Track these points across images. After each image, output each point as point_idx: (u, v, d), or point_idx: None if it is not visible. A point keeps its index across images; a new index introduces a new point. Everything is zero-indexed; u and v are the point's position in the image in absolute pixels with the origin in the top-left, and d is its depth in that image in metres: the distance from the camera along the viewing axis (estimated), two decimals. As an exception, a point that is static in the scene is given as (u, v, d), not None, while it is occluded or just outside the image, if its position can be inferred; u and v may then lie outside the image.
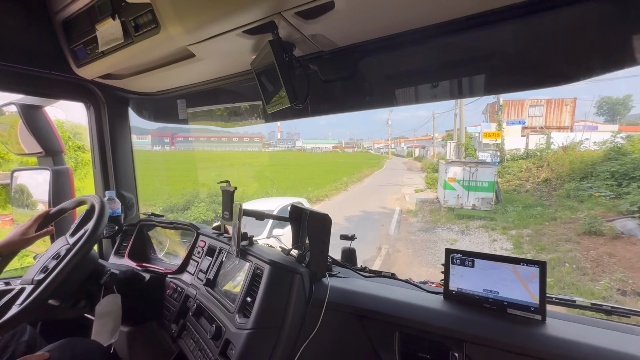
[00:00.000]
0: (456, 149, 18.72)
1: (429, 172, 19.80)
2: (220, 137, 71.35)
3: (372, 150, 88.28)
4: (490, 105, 23.74)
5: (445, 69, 1.38)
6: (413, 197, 13.84)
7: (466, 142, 18.98)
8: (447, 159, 15.44)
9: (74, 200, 1.42)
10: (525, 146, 17.16)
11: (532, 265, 0.95)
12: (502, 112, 17.56)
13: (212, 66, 1.53)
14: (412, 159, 44.48)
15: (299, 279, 1.07)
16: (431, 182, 16.48)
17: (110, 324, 1.33)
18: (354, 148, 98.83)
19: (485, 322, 0.92)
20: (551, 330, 0.87)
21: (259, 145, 79.36)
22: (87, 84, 1.75)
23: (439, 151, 28.79)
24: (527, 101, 22.69)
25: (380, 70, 1.52)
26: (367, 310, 1.05)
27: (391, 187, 17.45)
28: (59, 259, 1.20)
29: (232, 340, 1.02)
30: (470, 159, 15.23)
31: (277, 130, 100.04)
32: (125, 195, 2.00)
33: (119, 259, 1.81)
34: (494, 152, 16.56)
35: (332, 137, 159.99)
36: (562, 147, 14.46)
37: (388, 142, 65.90)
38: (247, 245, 1.28)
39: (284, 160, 39.38)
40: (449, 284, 1.07)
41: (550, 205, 10.17)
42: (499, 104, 17.48)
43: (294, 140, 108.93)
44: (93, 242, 1.19)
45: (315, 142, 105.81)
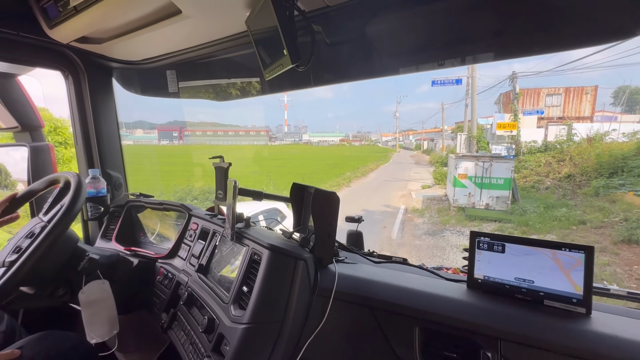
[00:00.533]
0: (467, 142, 17.08)
1: (438, 166, 17.99)
2: (227, 131, 71.30)
3: (379, 143, 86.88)
4: (504, 94, 22.23)
5: (456, 31, 1.21)
6: (420, 194, 12.56)
7: (478, 134, 17.04)
8: (457, 153, 14.19)
9: (44, 179, 1.26)
10: (543, 138, 15.66)
11: (577, 251, 0.81)
12: (518, 101, 16.05)
13: (201, 27, 1.34)
14: (421, 152, 43.19)
15: (302, 266, 0.93)
16: (439, 178, 15.02)
17: (103, 313, 1.21)
18: (362, 141, 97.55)
19: (522, 316, 0.79)
20: (600, 325, 0.74)
21: (266, 139, 79.28)
22: (62, 49, 1.55)
23: (449, 144, 27.52)
24: (544, 90, 20.91)
25: (392, 31, 1.34)
26: (380, 301, 0.91)
27: (397, 183, 16.03)
28: (33, 238, 1.07)
29: (226, 335, 0.89)
30: (483, 152, 13.66)
31: (284, 124, 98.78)
32: (111, 174, 1.84)
33: (105, 242, 1.68)
34: (508, 144, 15.00)
35: (340, 130, 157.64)
36: (587, 138, 12.93)
37: (396, 134, 64.14)
38: (244, 227, 1.13)
39: (288, 154, 38.39)
40: (474, 271, 0.94)
41: (576, 206, 8.86)
42: (514, 92, 15.95)
43: (301, 133, 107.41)
44: (71, 218, 1.06)
45: (322, 135, 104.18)
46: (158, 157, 23.74)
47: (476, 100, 16.51)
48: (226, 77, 2.00)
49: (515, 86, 16.00)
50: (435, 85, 16.88)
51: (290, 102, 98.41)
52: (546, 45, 1.07)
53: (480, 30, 1.19)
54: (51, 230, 1.01)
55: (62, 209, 1.05)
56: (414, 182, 15.90)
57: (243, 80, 1.99)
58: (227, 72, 1.94)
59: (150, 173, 13.36)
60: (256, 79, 1.93)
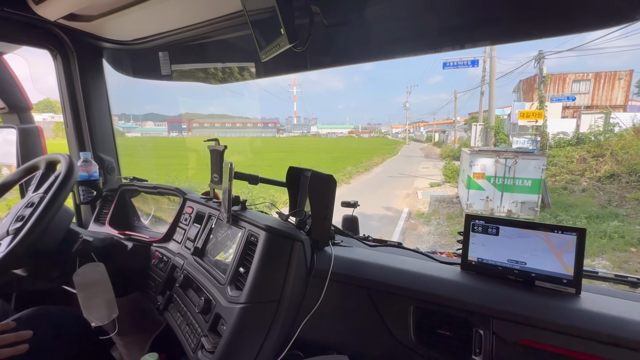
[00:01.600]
0: (483, 134, 14.97)
1: (449, 161, 15.61)
2: (235, 123, 70.83)
3: (389, 135, 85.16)
4: (524, 81, 19.95)
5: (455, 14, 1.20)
6: (427, 194, 10.76)
7: (496, 125, 14.66)
8: (471, 147, 12.63)
9: (21, 169, 1.23)
10: (575, 129, 13.14)
11: (569, 233, 0.83)
12: (545, 86, 13.70)
13: (195, 4, 1.30)
14: (431, 144, 41.02)
15: (299, 247, 0.93)
16: (450, 174, 13.07)
17: (99, 296, 1.20)
18: (371, 133, 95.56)
19: (513, 296, 0.81)
20: (588, 304, 0.76)
21: (274, 131, 78.44)
22: (50, 26, 1.49)
23: (461, 136, 25.41)
24: (570, 75, 18.65)
25: (390, 14, 1.31)
26: (376, 282, 0.93)
27: (402, 180, 14.05)
28: (33, 207, 1.05)
29: (222, 315, 0.90)
30: (505, 147, 11.14)
31: (294, 116, 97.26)
32: (103, 158, 1.80)
33: (99, 226, 1.66)
34: (532, 136, 12.74)
35: (350, 122, 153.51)
36: (634, 129, 10.66)
37: (406, 126, 61.74)
38: (240, 210, 1.13)
39: (293, 147, 36.97)
40: (468, 253, 0.95)
41: (628, 217, 6.84)
42: (541, 76, 13.55)
43: (309, 125, 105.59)
44: (70, 186, 1.05)
45: (330, 127, 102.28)
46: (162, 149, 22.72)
47: (495, 85, 14.28)
48: (220, 60, 1.95)
49: (541, 68, 13.48)
50: (447, 67, 14.50)
51: (300, 93, 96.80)
52: (543, 29, 1.07)
53: (480, 14, 1.17)
54: (52, 198, 1.01)
55: (59, 179, 1.04)
56: (422, 178, 14.05)
57: (238, 64, 1.94)
58: (221, 55, 1.89)
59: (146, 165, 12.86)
60: (251, 63, 1.88)
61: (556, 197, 8.56)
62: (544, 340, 0.74)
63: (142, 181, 1.74)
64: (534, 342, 0.75)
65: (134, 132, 48.97)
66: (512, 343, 0.76)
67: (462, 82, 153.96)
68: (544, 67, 13.60)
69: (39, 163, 1.22)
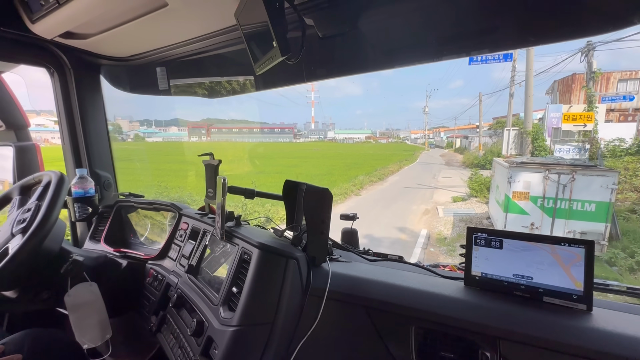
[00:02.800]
0: (518, 140, 12.40)
1: (475, 172, 13.21)
2: (252, 128, 72.21)
3: (407, 141, 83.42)
4: (559, 81, 17.62)
5: (462, 21, 1.18)
6: (449, 211, 8.88)
7: (534, 130, 12.11)
8: (505, 156, 10.25)
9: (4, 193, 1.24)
10: (635, 134, 11.10)
11: (576, 246, 0.79)
12: (594, 84, 11.62)
13: (189, 20, 1.30)
14: (453, 150, 39.08)
15: (294, 265, 0.90)
16: (478, 188, 10.90)
17: (92, 316, 1.16)
18: (389, 138, 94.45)
19: (521, 314, 0.76)
20: (601, 322, 0.72)
21: (290, 136, 79.11)
22: (47, 44, 1.50)
23: (485, 142, 23.42)
24: (615, 74, 16.55)
25: (385, 25, 1.31)
26: (375, 300, 0.88)
27: (420, 191, 12.25)
28: (31, 212, 1.04)
29: (215, 339, 0.85)
30: (554, 158, 8.50)
31: (312, 121, 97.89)
32: (100, 174, 1.79)
33: (94, 244, 1.63)
34: (579, 143, 10.70)
35: (368, 127, 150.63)
36: None
37: (425, 131, 59.03)
38: (234, 226, 1.09)
39: (308, 152, 36.07)
40: (472, 268, 0.91)
41: None
42: (590, 72, 11.38)
43: (326, 130, 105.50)
44: (63, 195, 1.06)
45: (347, 133, 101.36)
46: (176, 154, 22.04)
47: (532, 83, 11.66)
48: (218, 74, 1.96)
49: (590, 62, 11.32)
50: (474, 63, 12.50)
51: (318, 99, 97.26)
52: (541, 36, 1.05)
53: (474, 24, 1.17)
54: (53, 197, 1.02)
55: (52, 186, 1.04)
56: (443, 190, 12.16)
57: (235, 78, 1.95)
58: (218, 69, 1.90)
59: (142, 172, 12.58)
60: (249, 77, 1.89)
61: (623, 223, 6.34)
62: None
63: (139, 197, 1.72)
64: None
65: (155, 137, 50.07)
66: None
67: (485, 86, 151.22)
68: (594, 61, 11.26)
69: (10, 193, 1.22)
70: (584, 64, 11.70)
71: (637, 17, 0.86)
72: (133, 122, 52.62)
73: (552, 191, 6.02)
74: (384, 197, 11.53)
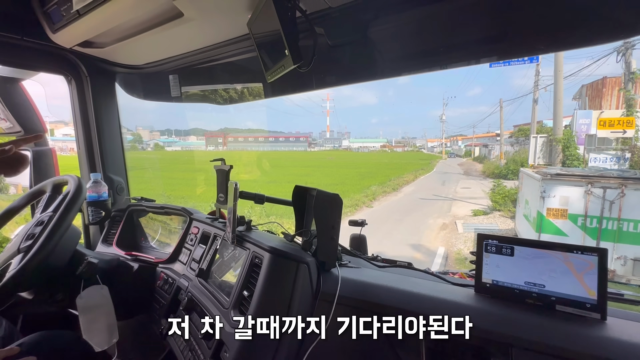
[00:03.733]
0: (546, 148, 11.31)
1: (497, 183, 12.08)
2: (267, 137, 73.43)
3: (424, 150, 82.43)
4: (588, 86, 16.41)
5: (471, 28, 1.19)
6: (469, 226, 8.12)
7: (565, 137, 10.91)
8: (534, 166, 9.13)
9: (27, 194, 1.26)
10: None
11: (589, 254, 0.78)
12: (634, 86, 10.36)
13: (203, 29, 1.34)
14: (471, 159, 37.93)
15: (304, 270, 0.91)
16: (501, 200, 10.10)
17: (101, 320, 1.18)
18: (405, 147, 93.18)
19: (533, 322, 0.76)
20: (616, 332, 0.71)
21: (305, 145, 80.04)
22: (65, 53, 1.56)
23: (507, 150, 22.44)
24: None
25: (394, 33, 1.33)
26: (384, 306, 0.88)
27: (437, 203, 11.52)
28: (43, 225, 1.06)
29: (226, 342, 0.87)
30: (595, 169, 7.58)
31: (327, 130, 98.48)
32: (113, 178, 1.83)
33: (106, 247, 1.66)
34: (618, 152, 9.72)
35: (384, 136, 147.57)
36: None
37: (442, 140, 57.97)
38: (245, 230, 1.11)
39: (323, 161, 35.72)
40: (482, 275, 0.91)
41: None
42: (629, 72, 10.23)
43: (341, 139, 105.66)
44: (78, 205, 1.08)
45: (362, 141, 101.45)
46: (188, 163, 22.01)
47: (562, 86, 10.71)
48: (228, 82, 2.00)
49: (628, 62, 10.15)
50: (495, 65, 11.77)
51: (333, 108, 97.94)
52: (547, 44, 1.06)
53: (483, 32, 1.18)
54: (61, 216, 1.03)
55: (67, 198, 1.06)
56: (462, 202, 11.40)
57: (245, 85, 1.98)
58: (229, 76, 1.94)
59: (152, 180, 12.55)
60: (258, 84, 1.92)
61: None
62: None
63: (150, 201, 1.75)
64: None
65: (174, 146, 51.52)
66: None
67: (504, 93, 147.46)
68: (633, 60, 10.07)
69: (45, 187, 1.25)
70: (620, 63, 10.52)
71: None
72: (154, 132, 53.94)
73: (596, 208, 5.08)
74: (397, 209, 10.83)
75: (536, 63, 14.52)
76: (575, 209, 5.20)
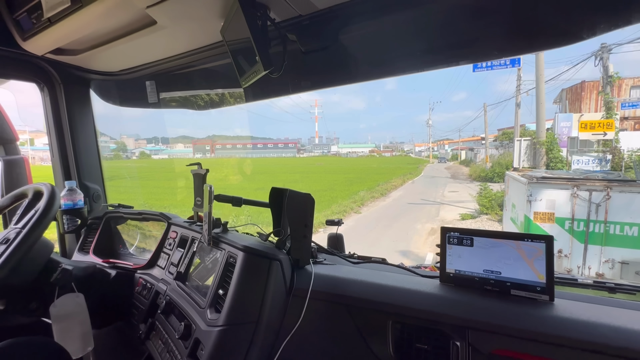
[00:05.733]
0: (530, 151, 11.56)
1: (484, 186, 12.34)
2: (256, 144, 72.64)
3: (412, 154, 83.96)
4: (568, 90, 17.13)
5: (438, 34, 1.27)
6: None
7: (548, 140, 11.20)
8: (517, 169, 9.31)
9: (9, 195, 1.24)
10: None
11: (538, 241, 0.86)
12: (612, 89, 10.72)
13: (177, 37, 1.37)
14: (458, 162, 39.08)
15: (277, 267, 0.95)
16: (488, 204, 10.36)
17: (75, 328, 1.18)
18: (393, 152, 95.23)
19: (489, 306, 0.83)
20: (561, 311, 0.78)
21: (294, 151, 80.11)
22: (37, 60, 1.56)
23: (492, 153, 23.10)
24: (627, 81, 15.63)
25: (366, 37, 1.40)
26: (355, 299, 0.94)
27: (425, 208, 11.66)
28: (8, 243, 1.05)
29: (201, 340, 0.89)
30: (580, 172, 7.34)
31: (316, 136, 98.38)
32: (89, 186, 1.82)
33: (83, 255, 1.65)
34: (599, 154, 9.96)
35: (372, 141, 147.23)
36: None
37: (429, 144, 59.87)
38: (221, 232, 1.14)
39: (312, 167, 35.78)
40: (446, 266, 0.97)
41: None
42: (606, 76, 10.49)
43: (330, 145, 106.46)
44: (47, 221, 1.06)
45: (351, 147, 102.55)
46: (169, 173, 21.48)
47: (544, 90, 10.84)
48: (206, 87, 2.02)
49: (606, 65, 10.43)
50: (478, 69, 11.66)
51: (322, 114, 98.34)
52: (504, 50, 1.15)
53: (456, 35, 1.24)
54: (27, 234, 1.00)
55: (37, 213, 1.04)
56: (449, 206, 11.63)
57: (223, 90, 2.01)
58: (207, 82, 1.96)
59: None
60: (237, 89, 1.96)
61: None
62: (519, 349, 0.75)
63: (128, 207, 1.75)
64: (509, 351, 0.76)
65: (161, 154, 50.27)
66: (488, 353, 0.77)
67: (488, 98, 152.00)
68: (610, 65, 10.34)
69: (27, 191, 1.23)
70: (599, 67, 10.91)
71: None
72: (140, 140, 52.47)
73: (582, 211, 5.05)
74: (386, 215, 10.89)
75: (518, 67, 15.02)
76: (562, 213, 5.25)
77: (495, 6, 1.11)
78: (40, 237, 1.08)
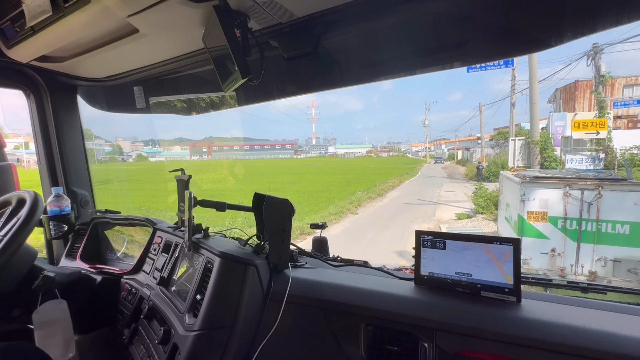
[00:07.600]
0: (524, 150, 11.73)
1: (479, 186, 12.54)
2: (253, 145, 72.71)
3: (409, 154, 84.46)
4: (562, 89, 17.48)
5: (421, 38, 1.30)
6: (454, 230, 8.41)
7: (542, 139, 11.45)
8: (514, 169, 9.30)
9: (6, 196, 1.26)
10: None
11: (506, 244, 0.89)
12: (604, 88, 10.92)
13: (161, 44, 1.40)
14: (454, 162, 39.70)
15: (253, 272, 0.97)
16: (484, 204, 10.39)
17: (58, 334, 1.19)
18: (390, 152, 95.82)
19: (458, 308, 0.85)
20: (526, 312, 0.81)
21: (291, 152, 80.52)
22: (22, 68, 1.58)
23: (488, 152, 23.56)
24: (620, 80, 15.87)
25: (349, 42, 1.43)
26: (330, 302, 0.96)
27: (421, 208, 11.75)
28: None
29: (179, 345, 0.92)
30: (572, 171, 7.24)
31: (313, 137, 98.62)
32: (77, 192, 1.84)
33: (70, 261, 1.66)
34: (592, 153, 9.99)
35: (369, 141, 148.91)
36: None
37: (426, 144, 59.69)
38: (202, 237, 1.16)
39: (309, 168, 35.73)
40: (420, 268, 1.00)
41: None
42: (598, 75, 10.71)
43: (327, 145, 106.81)
44: (28, 229, 1.07)
45: (348, 147, 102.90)
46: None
47: (537, 89, 11.13)
48: (193, 92, 2.04)
49: (598, 65, 10.68)
50: (472, 70, 11.85)
51: (318, 115, 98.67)
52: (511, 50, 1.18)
53: (439, 39, 1.27)
54: (9, 242, 1.02)
55: (19, 221, 1.06)
56: (446, 206, 11.71)
57: (210, 95, 2.04)
58: (193, 87, 1.99)
59: None
60: (223, 94, 1.98)
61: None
62: (485, 349, 0.78)
63: (115, 213, 1.77)
64: (475, 352, 0.78)
65: (158, 157, 50.17)
66: (453, 354, 0.80)
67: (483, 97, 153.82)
68: (602, 64, 10.61)
69: (10, 198, 1.25)
70: (591, 67, 11.18)
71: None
72: (137, 143, 52.31)
73: (575, 210, 5.14)
74: (383, 215, 10.92)
75: (512, 67, 15.12)
76: (555, 212, 5.33)
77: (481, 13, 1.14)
78: (23, 245, 1.09)
